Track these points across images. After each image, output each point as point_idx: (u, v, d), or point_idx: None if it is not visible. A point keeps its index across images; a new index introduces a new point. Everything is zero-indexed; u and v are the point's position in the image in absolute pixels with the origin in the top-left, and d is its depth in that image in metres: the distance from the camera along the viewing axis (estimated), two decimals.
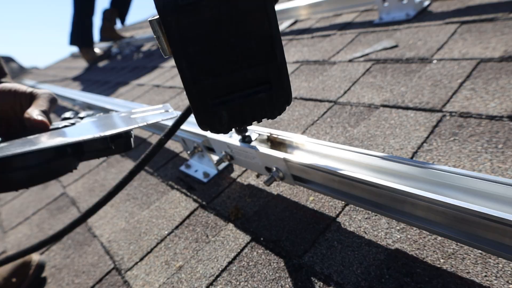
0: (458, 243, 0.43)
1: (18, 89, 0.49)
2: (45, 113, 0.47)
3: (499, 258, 0.40)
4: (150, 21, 0.31)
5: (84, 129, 0.45)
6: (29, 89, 0.50)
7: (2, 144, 0.41)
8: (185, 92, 0.32)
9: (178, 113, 0.53)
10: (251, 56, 0.31)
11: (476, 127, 0.57)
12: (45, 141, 0.41)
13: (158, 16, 0.32)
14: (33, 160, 0.43)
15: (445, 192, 0.40)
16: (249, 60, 0.31)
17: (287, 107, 0.89)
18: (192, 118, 0.88)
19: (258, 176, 0.71)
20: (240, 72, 0.31)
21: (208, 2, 0.28)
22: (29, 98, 0.49)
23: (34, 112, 0.46)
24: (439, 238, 0.45)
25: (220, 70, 0.31)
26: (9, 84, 0.50)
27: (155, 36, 0.32)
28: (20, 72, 6.10)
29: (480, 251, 0.41)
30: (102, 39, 3.35)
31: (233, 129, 0.61)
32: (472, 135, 0.56)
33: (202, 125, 0.33)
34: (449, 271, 0.41)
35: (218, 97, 0.31)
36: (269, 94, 0.32)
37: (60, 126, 0.48)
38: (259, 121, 0.34)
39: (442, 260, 0.42)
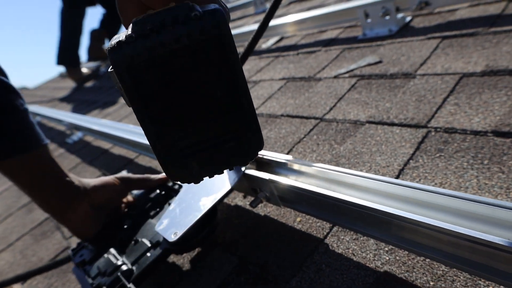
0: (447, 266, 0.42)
1: (110, 182, 0.64)
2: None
3: (489, 281, 0.39)
4: (110, 72, 0.30)
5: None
6: (116, 179, 0.65)
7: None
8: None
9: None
10: (217, 106, 0.29)
11: (461, 142, 0.57)
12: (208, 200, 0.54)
13: None
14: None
15: (431, 213, 0.39)
16: (216, 111, 0.29)
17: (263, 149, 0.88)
18: None
19: (245, 196, 0.70)
20: (207, 123, 0.29)
21: (164, 57, 0.26)
22: (124, 186, 0.65)
23: (154, 178, 0.67)
24: (428, 259, 0.44)
25: (186, 123, 0.29)
26: (102, 180, 0.64)
27: (116, 87, 0.30)
28: None
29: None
30: (90, 58, 3.34)
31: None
32: (458, 151, 0.56)
33: (172, 177, 0.31)
34: None
35: (186, 148, 0.29)
36: (239, 142, 0.30)
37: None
38: (231, 168, 0.32)
39: (431, 283, 0.41)
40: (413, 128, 0.65)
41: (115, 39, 0.25)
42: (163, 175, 0.67)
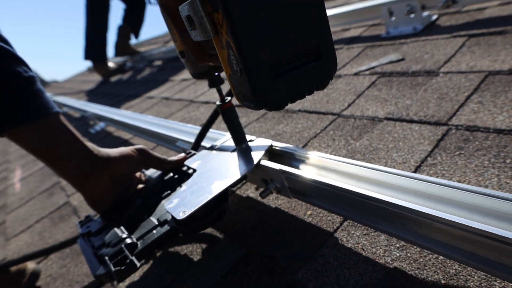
0: (461, 264, 0.41)
1: (129, 154, 0.63)
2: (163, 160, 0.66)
3: (505, 282, 0.37)
4: (190, 2, 0.30)
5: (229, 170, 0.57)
6: (135, 150, 0.64)
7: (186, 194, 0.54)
8: (241, 67, 0.30)
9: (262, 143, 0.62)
10: (302, 24, 0.30)
11: (483, 141, 0.55)
12: (220, 183, 0.54)
13: None
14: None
15: (448, 208, 0.37)
16: (300, 29, 0.30)
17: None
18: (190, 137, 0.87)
19: (257, 188, 0.70)
20: (293, 42, 0.31)
21: None
22: (142, 159, 0.63)
23: (170, 160, 0.66)
24: (441, 257, 0.42)
25: (276, 42, 0.30)
26: (121, 151, 0.63)
27: (195, 19, 0.31)
28: (42, 85, 6.29)
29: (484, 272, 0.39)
30: (117, 54, 3.42)
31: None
32: (479, 149, 0.54)
33: (260, 101, 0.31)
34: None
35: (273, 70, 0.31)
36: (319, 63, 0.31)
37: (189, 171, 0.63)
38: (311, 92, 0.33)
39: (443, 282, 0.40)
40: (433, 125, 0.63)
41: None
42: (179, 157, 0.67)
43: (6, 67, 0.55)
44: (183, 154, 0.68)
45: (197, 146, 0.72)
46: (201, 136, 0.71)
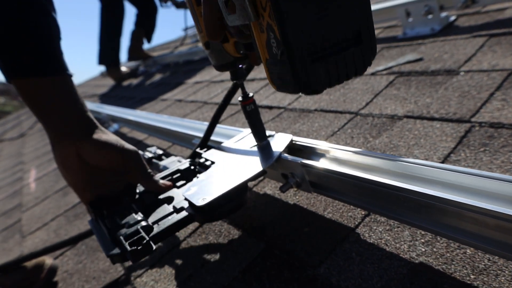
0: (491, 259, 0.39)
1: (112, 153, 0.57)
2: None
3: None
4: None
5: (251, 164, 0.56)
6: (119, 154, 0.57)
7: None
8: (282, 49, 0.30)
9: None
10: (345, 7, 0.30)
11: (509, 137, 0.54)
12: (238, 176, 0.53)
13: None
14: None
15: (479, 198, 0.36)
16: (343, 12, 0.30)
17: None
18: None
19: (281, 189, 0.69)
20: (335, 26, 0.30)
21: None
22: (127, 165, 0.58)
23: (155, 179, 0.60)
24: (469, 252, 0.41)
25: (318, 24, 0.30)
26: (110, 143, 0.57)
27: (236, 2, 0.31)
28: None
29: None
30: (130, 58, 3.46)
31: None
32: (505, 145, 0.53)
33: (299, 84, 0.31)
34: None
35: (314, 54, 0.30)
36: (359, 47, 0.31)
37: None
38: (350, 77, 0.33)
39: (472, 276, 0.39)
40: (455, 122, 0.62)
41: None
42: (166, 183, 0.61)
43: (50, 23, 0.57)
44: (170, 183, 0.62)
45: (205, 141, 0.70)
46: (210, 128, 0.69)
